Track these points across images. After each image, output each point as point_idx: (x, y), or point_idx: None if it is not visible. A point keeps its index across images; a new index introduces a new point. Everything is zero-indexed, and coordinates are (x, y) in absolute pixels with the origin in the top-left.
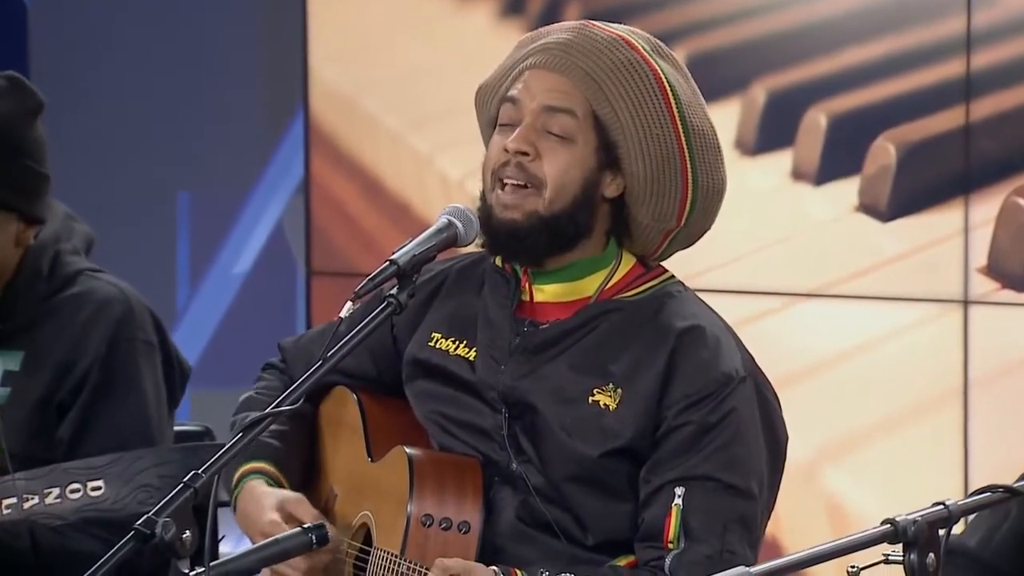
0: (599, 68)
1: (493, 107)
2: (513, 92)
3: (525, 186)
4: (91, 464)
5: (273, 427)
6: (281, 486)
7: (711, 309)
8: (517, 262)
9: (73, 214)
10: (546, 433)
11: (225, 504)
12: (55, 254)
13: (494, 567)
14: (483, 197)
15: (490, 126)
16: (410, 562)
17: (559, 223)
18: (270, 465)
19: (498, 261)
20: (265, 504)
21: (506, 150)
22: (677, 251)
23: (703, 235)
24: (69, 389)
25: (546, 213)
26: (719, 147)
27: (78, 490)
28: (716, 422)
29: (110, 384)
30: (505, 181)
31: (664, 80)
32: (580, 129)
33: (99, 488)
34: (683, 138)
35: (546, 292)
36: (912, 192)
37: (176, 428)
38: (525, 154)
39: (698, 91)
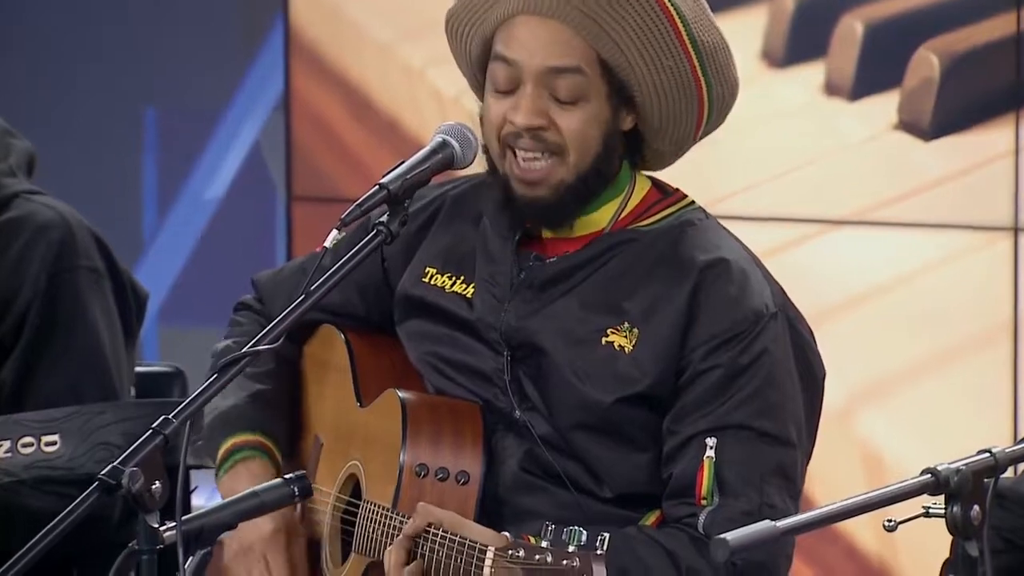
0: (596, 4)
1: (474, 46)
2: (506, 52)
3: (545, 154)
4: (48, 416)
5: (256, 386)
6: (275, 462)
7: (736, 239)
8: (547, 228)
9: (11, 129)
10: (554, 378)
11: (199, 467)
12: None
13: (505, 533)
14: (490, 160)
15: (470, 65)
16: (403, 516)
17: (587, 183)
18: (261, 436)
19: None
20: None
21: (512, 122)
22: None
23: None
24: (9, 328)
25: (572, 179)
26: (728, 49)
27: (31, 444)
28: (747, 364)
29: (54, 321)
30: (521, 154)
31: (666, 1)
32: (590, 84)
33: (54, 444)
34: (696, 62)
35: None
36: (957, 108)
37: (143, 369)
38: (539, 128)
39: None
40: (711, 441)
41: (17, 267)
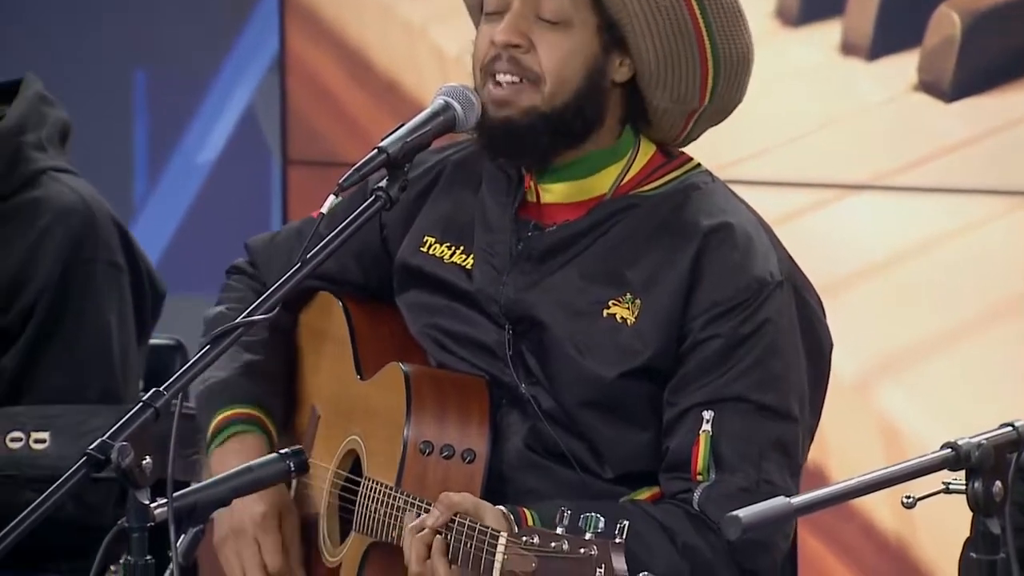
0: None
1: None
2: None
3: (520, 81)
4: (42, 413)
5: (248, 356)
6: (269, 436)
7: (744, 203)
8: (519, 164)
9: (47, 95)
10: (556, 352)
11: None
12: (16, 147)
13: (502, 507)
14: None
15: (477, 8)
16: (406, 495)
17: (563, 118)
18: (254, 409)
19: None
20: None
21: (494, 43)
22: (706, 130)
23: (734, 109)
24: (17, 315)
25: (546, 108)
26: (738, 7)
27: (19, 439)
28: (748, 334)
29: (63, 314)
30: (497, 76)
31: None
32: (576, 9)
33: (43, 441)
34: (694, 4)
35: (554, 192)
36: (980, 68)
37: None
38: (516, 46)
39: None
40: (708, 414)
41: (34, 252)
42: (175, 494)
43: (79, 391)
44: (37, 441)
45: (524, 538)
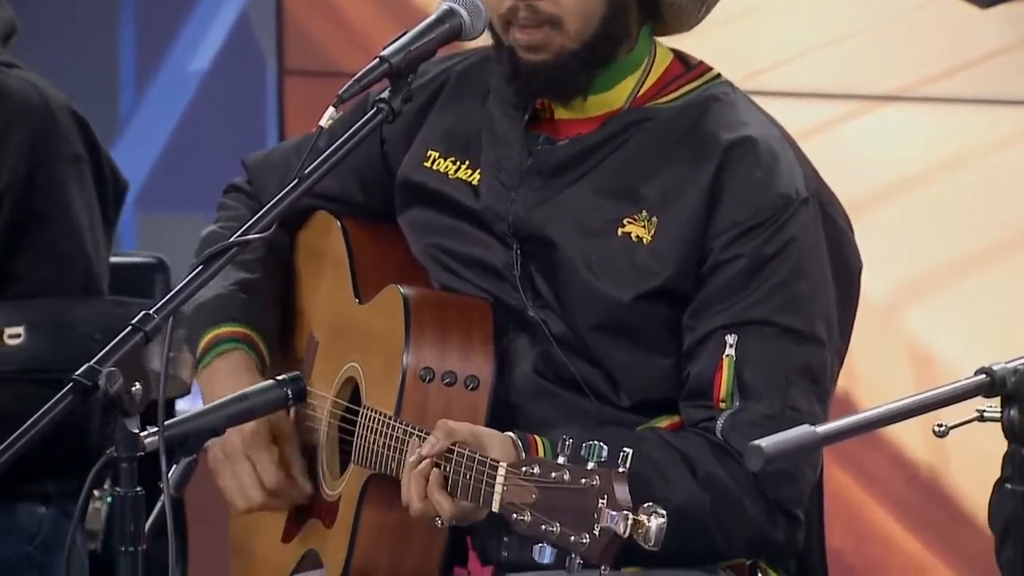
0: None
1: None
2: None
3: (545, 26)
4: (15, 307)
5: (241, 274)
6: (260, 356)
7: (767, 116)
8: (558, 101)
9: None
10: (567, 273)
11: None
12: None
13: (510, 433)
14: (495, 33)
15: None
16: (406, 424)
17: (594, 49)
18: (246, 328)
19: None
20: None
21: None
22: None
23: None
24: None
25: (576, 45)
26: None
27: None
28: (772, 254)
29: (32, 212)
30: (520, 25)
31: None
32: None
33: (18, 336)
34: None
35: (568, 106)
36: None
37: (121, 260)
38: None
39: None
40: (731, 338)
41: None
42: (167, 422)
43: (58, 287)
44: (12, 336)
45: (524, 468)
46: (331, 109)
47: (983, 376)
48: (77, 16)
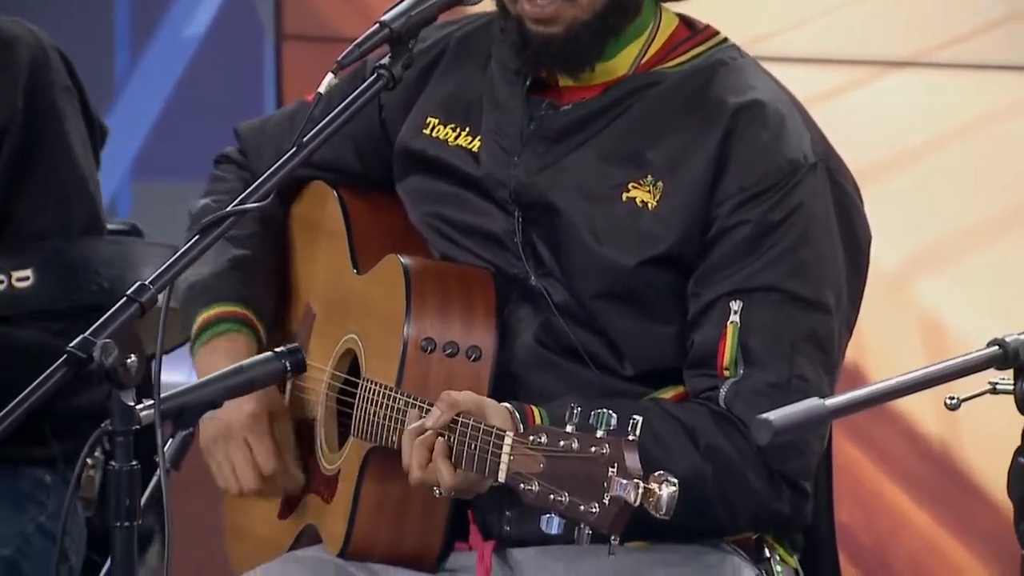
0: None
1: None
2: None
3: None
4: (17, 251)
5: (236, 251)
6: (258, 336)
7: (774, 80)
8: (567, 73)
9: None
10: (570, 240)
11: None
12: None
13: (507, 404)
14: (500, 5)
15: None
16: (407, 396)
17: (606, 19)
18: (242, 307)
19: None
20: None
21: None
22: None
23: None
24: None
25: (588, 16)
26: None
27: (1, 281)
28: (779, 220)
29: (34, 142)
30: None
31: None
32: None
33: (26, 279)
34: None
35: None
36: None
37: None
38: None
39: None
40: (736, 305)
41: None
42: (163, 395)
43: (66, 223)
44: (20, 279)
45: (531, 437)
46: (330, 75)
47: (996, 348)
48: None
